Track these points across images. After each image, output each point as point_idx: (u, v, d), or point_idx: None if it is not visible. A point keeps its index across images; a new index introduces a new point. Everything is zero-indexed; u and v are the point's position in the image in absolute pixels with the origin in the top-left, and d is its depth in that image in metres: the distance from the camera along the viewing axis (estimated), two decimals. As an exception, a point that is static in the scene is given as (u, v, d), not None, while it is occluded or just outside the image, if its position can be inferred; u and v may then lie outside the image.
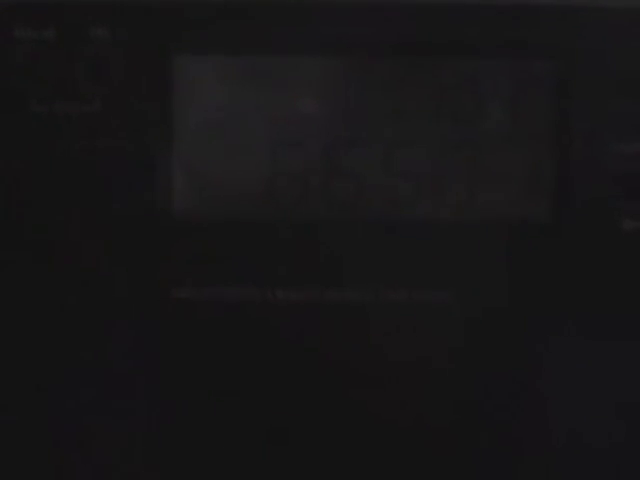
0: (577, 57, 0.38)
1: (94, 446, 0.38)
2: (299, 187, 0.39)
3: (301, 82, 0.38)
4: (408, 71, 0.38)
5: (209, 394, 0.38)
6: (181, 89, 0.38)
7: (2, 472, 0.38)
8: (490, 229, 0.38)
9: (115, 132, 0.38)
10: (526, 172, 0.39)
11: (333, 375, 0.38)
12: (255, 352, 0.38)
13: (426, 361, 0.38)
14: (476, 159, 0.39)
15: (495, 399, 0.39)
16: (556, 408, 0.39)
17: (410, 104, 0.38)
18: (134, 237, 0.38)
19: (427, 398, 0.39)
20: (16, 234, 0.38)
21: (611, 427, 0.39)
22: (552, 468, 0.39)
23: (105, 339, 0.38)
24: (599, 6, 0.38)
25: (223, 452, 0.39)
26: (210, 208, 0.39)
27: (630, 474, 0.39)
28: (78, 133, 0.38)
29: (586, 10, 0.38)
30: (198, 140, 0.38)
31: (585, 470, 0.39)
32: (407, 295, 0.38)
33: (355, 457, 0.39)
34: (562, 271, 0.38)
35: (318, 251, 0.38)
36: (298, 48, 0.38)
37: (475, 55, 0.38)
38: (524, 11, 0.38)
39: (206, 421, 0.38)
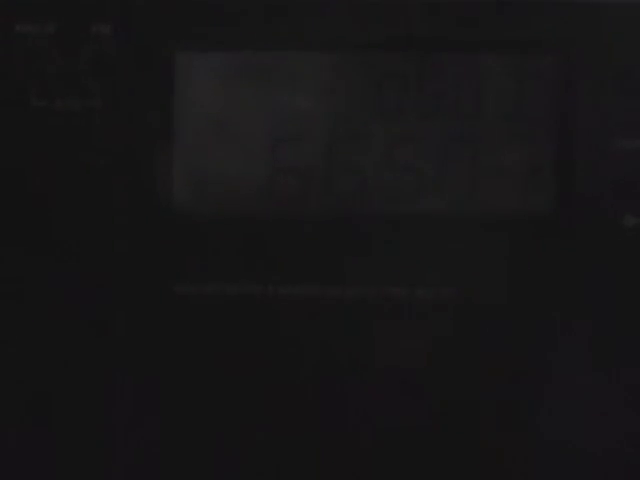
0: (578, 53, 0.38)
1: (95, 440, 0.38)
2: (300, 183, 0.39)
3: (302, 78, 0.38)
4: (409, 66, 0.38)
5: (211, 389, 0.38)
6: (182, 85, 0.38)
7: (2, 472, 0.38)
8: (492, 224, 0.38)
9: (115, 128, 0.38)
10: (528, 167, 0.39)
11: (335, 371, 0.38)
12: (256, 348, 0.38)
13: (429, 357, 0.38)
14: (478, 154, 0.39)
15: (498, 396, 0.38)
16: (560, 404, 0.39)
17: (411, 99, 0.38)
18: (135, 233, 0.38)
19: (429, 395, 0.39)
20: (16, 230, 0.38)
21: (612, 423, 0.39)
22: (553, 466, 0.39)
23: (107, 335, 0.38)
24: (601, 2, 0.38)
25: (225, 447, 0.38)
26: (211, 204, 0.39)
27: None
28: (78, 129, 0.37)
29: (588, 6, 0.38)
30: (198, 136, 0.38)
31: (581, 470, 0.39)
32: (409, 291, 0.38)
33: (355, 455, 0.39)
34: (563, 266, 0.38)
35: (319, 247, 0.38)
36: (298, 44, 0.38)
37: (476, 51, 0.38)
38: (525, 7, 0.38)
39: (207, 416, 0.38)
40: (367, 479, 0.38)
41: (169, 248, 0.38)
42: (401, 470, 0.39)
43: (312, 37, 0.38)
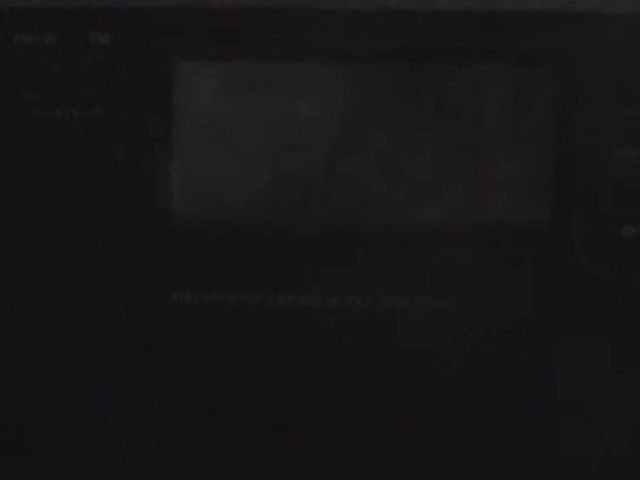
0: (578, 63, 0.38)
1: (93, 449, 0.38)
2: (300, 192, 0.39)
3: (302, 88, 0.38)
4: (409, 77, 0.38)
5: (208, 398, 0.38)
6: (181, 94, 0.38)
7: (2, 472, 0.39)
8: (490, 235, 0.38)
9: (115, 138, 0.38)
10: (526, 177, 0.39)
11: (333, 381, 0.38)
12: (254, 357, 0.38)
13: (427, 367, 0.38)
14: (477, 165, 0.39)
15: (497, 405, 0.39)
16: (559, 412, 0.39)
17: (411, 110, 0.38)
18: (134, 242, 0.38)
19: (427, 403, 0.39)
20: (17, 239, 0.38)
21: (615, 429, 0.39)
22: (557, 472, 0.39)
23: (104, 343, 0.38)
24: (600, 12, 0.38)
25: (223, 455, 0.39)
26: (210, 213, 0.39)
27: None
28: (78, 139, 0.37)
29: (587, 16, 0.38)
30: (198, 146, 0.38)
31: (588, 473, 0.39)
32: (407, 301, 0.38)
33: (354, 462, 0.39)
34: (562, 277, 0.38)
35: (319, 257, 0.38)
36: (298, 54, 0.38)
37: (476, 61, 0.38)
38: (525, 17, 0.37)
39: (204, 424, 0.38)
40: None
41: (168, 257, 0.38)
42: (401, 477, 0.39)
43: (313, 48, 0.38)
